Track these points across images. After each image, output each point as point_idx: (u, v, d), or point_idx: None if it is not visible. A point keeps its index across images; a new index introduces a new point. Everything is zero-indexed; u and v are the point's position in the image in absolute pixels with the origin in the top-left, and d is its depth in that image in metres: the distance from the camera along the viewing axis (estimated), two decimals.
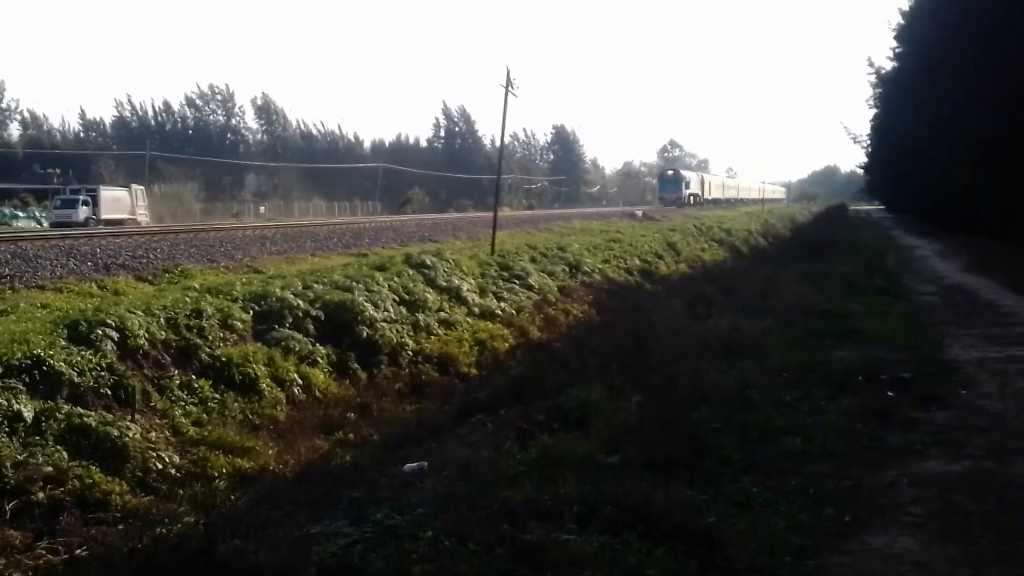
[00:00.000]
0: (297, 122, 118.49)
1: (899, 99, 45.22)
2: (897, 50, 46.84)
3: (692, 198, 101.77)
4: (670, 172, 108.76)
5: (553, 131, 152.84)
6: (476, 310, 20.52)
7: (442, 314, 19.14)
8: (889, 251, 37.22)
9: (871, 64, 57.99)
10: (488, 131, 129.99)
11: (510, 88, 28.64)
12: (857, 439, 8.20)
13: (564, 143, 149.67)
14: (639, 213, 62.86)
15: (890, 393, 10.06)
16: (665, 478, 6.80)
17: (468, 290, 21.16)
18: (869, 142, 71.08)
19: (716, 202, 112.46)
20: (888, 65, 51.70)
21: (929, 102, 34.18)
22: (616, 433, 7.74)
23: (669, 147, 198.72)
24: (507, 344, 19.25)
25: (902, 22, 43.73)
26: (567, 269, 28.11)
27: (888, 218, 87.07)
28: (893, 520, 6.27)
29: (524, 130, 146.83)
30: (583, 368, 12.97)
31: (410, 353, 16.66)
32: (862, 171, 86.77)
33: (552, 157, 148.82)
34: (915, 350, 12.74)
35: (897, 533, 6.03)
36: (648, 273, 32.91)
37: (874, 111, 62.43)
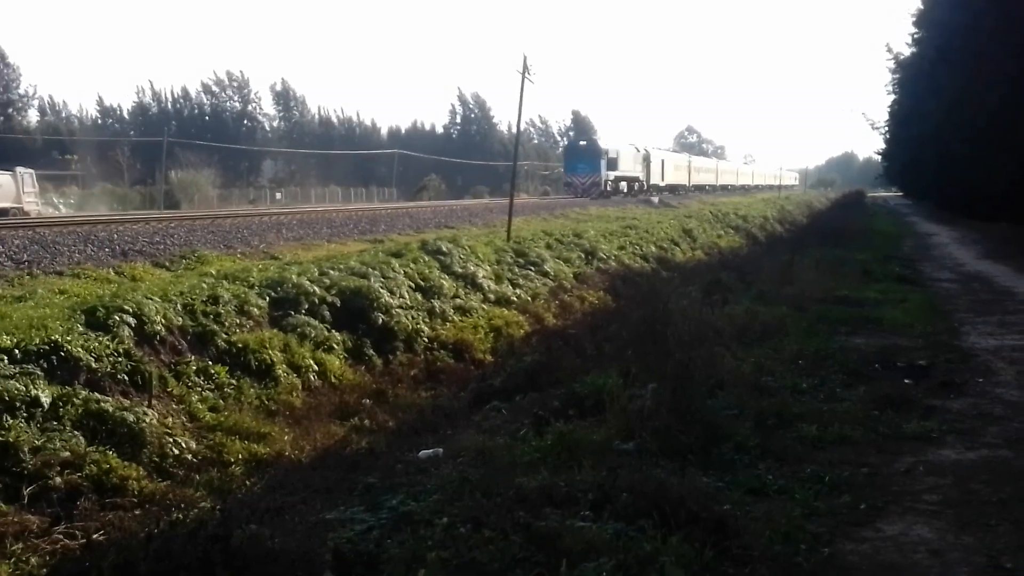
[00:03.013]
0: (317, 108, 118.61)
1: (917, 85, 44.88)
2: (916, 35, 46.49)
3: (624, 184, 69.57)
4: (582, 143, 71.10)
5: (572, 116, 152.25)
6: (492, 297, 20.53)
7: (458, 301, 19.17)
8: (906, 238, 37.16)
9: (889, 50, 57.58)
10: (504, 117, 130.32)
11: (527, 74, 28.60)
12: (873, 426, 8.19)
13: (581, 129, 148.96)
14: (655, 199, 62.57)
15: (907, 380, 10.04)
16: (680, 465, 6.80)
17: (484, 277, 21.17)
18: (887, 128, 70.62)
19: (676, 191, 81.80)
20: (907, 51, 51.34)
21: (948, 87, 33.94)
22: (632, 420, 7.73)
23: (686, 133, 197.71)
24: (523, 331, 19.27)
25: (921, 7, 43.41)
26: (583, 256, 28.09)
27: (906, 205, 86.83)
28: (909, 508, 6.26)
29: (540, 116, 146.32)
30: (598, 355, 12.97)
31: (425, 339, 16.70)
32: (880, 157, 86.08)
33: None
34: (932, 337, 12.71)
35: (913, 521, 6.02)
36: (664, 260, 32.85)
37: (892, 97, 61.98)
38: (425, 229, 30.51)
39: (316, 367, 13.95)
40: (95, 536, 7.67)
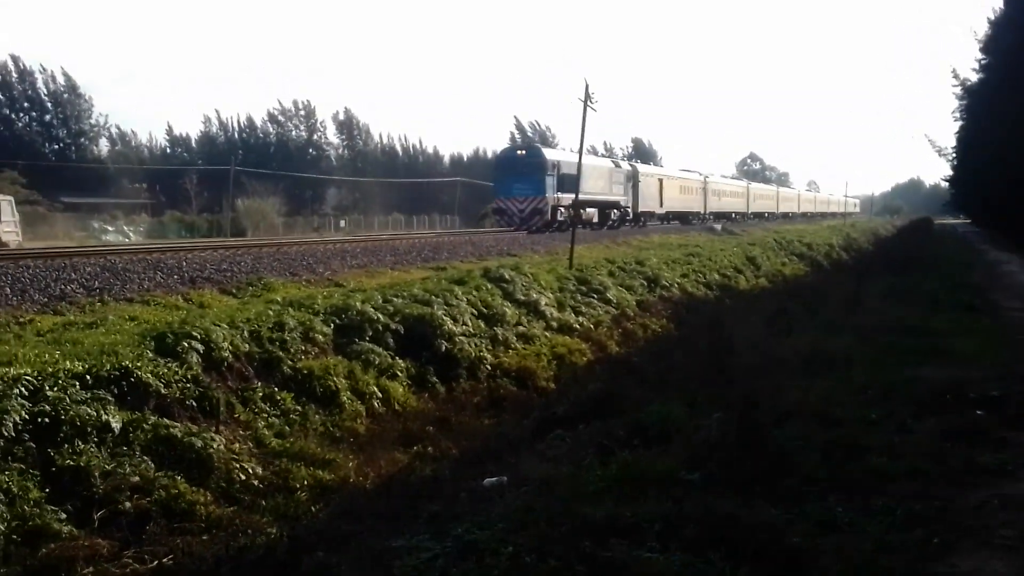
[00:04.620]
0: (380, 136, 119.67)
1: (985, 111, 44.21)
2: (983, 61, 45.85)
3: (593, 212, 50.66)
4: (519, 152, 50.76)
5: (631, 144, 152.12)
6: (554, 324, 20.52)
7: (520, 328, 19.18)
8: (976, 266, 36.47)
9: (956, 76, 56.61)
10: (566, 144, 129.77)
11: (588, 102, 28.64)
12: (945, 459, 8.02)
13: (642, 156, 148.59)
14: (718, 227, 62.01)
15: (979, 412, 9.83)
16: (748, 496, 6.73)
17: (546, 304, 21.16)
18: (954, 155, 69.61)
19: (687, 219, 67.75)
20: (973, 76, 50.62)
21: (1015, 114, 33.41)
22: (697, 450, 7.69)
23: (749, 160, 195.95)
24: (585, 359, 19.22)
25: (988, 32, 42.81)
26: (645, 283, 27.99)
27: (975, 232, 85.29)
28: (983, 543, 6.12)
29: (605, 143, 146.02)
30: (663, 383, 12.90)
31: (488, 367, 16.72)
32: (947, 184, 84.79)
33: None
34: (1004, 368, 12.43)
35: (987, 556, 5.89)
36: (727, 288, 32.63)
37: (959, 123, 61.12)
38: (487, 256, 30.59)
39: (380, 394, 14.03)
40: (164, 560, 7.76)
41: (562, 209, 46.80)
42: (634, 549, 5.70)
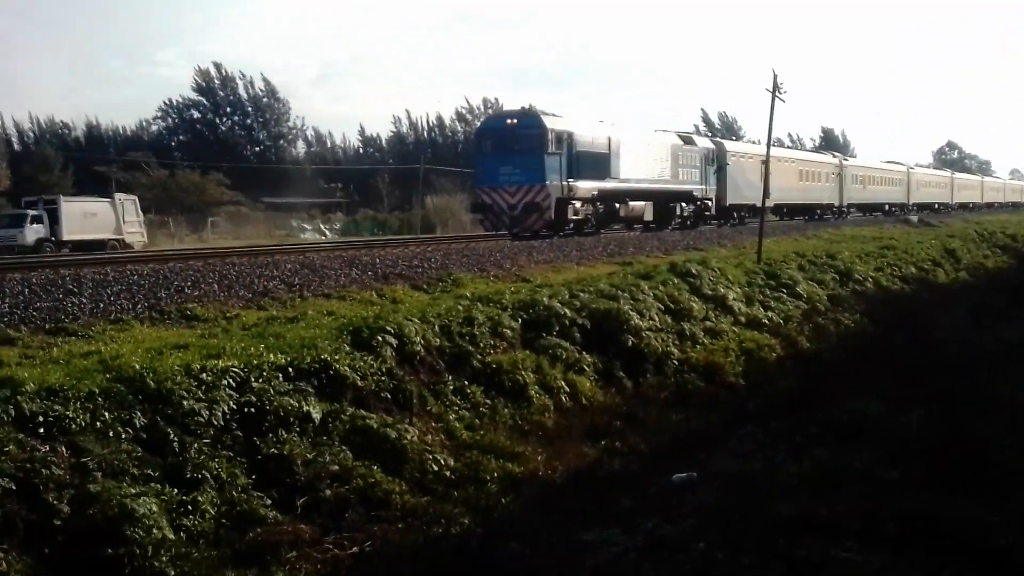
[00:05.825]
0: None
1: None
2: None
3: (641, 207, 37.34)
4: (509, 121, 32.52)
5: (821, 135, 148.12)
6: (742, 319, 20.18)
7: (707, 323, 18.93)
8: None
9: None
10: (754, 135, 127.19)
11: (777, 93, 28.02)
12: None
13: (833, 147, 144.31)
14: (914, 219, 59.47)
15: None
16: (950, 492, 6.48)
17: (734, 299, 20.83)
18: None
19: (819, 214, 55.71)
20: None
21: None
22: (895, 446, 7.45)
23: (947, 149, 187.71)
24: (774, 354, 18.84)
25: None
26: (836, 277, 27.22)
27: None
28: None
29: (794, 134, 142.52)
30: (857, 379, 12.54)
31: (675, 362, 16.56)
32: None
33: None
34: None
35: None
36: (925, 281, 31.43)
37: None
38: (674, 251, 30.29)
39: (567, 388, 14.07)
40: (364, 547, 8.01)
41: (575, 203, 33.10)
42: (830, 547, 5.57)
